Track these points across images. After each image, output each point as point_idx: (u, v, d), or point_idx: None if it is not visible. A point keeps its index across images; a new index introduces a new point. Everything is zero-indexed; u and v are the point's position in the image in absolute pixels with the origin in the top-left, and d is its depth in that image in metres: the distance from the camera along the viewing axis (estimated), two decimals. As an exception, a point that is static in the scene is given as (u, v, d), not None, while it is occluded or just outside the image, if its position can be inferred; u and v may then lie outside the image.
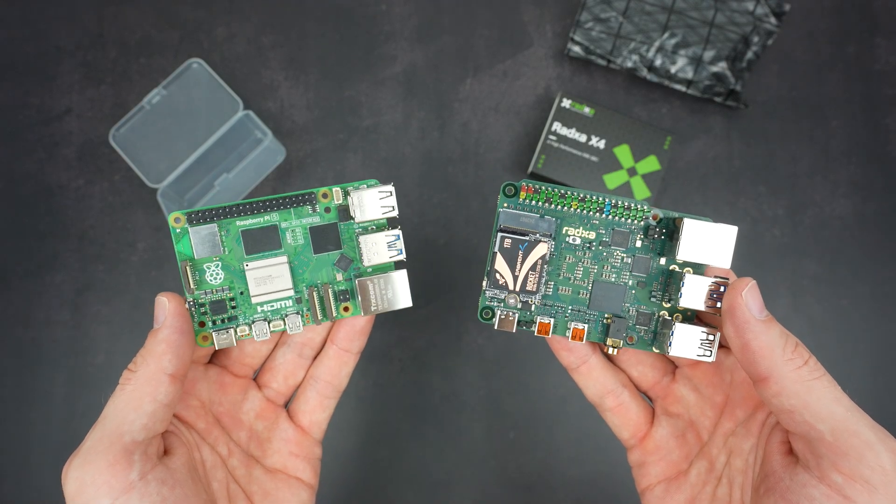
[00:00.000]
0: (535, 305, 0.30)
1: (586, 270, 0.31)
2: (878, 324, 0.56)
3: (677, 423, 0.32)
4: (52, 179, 0.57)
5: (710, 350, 0.29)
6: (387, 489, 0.55)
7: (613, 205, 0.30)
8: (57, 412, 0.55)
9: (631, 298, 0.31)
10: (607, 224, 0.30)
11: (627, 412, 0.33)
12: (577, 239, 0.30)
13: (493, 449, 0.55)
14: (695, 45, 0.56)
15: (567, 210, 0.30)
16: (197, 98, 0.56)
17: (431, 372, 0.55)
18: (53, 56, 0.58)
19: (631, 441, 0.33)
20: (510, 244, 0.29)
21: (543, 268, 0.29)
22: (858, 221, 0.57)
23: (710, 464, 0.31)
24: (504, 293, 0.30)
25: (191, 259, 0.30)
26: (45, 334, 0.56)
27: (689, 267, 0.30)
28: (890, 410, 0.55)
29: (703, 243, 0.29)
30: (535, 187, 0.29)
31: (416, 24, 0.59)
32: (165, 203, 0.53)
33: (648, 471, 0.32)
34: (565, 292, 0.31)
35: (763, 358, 0.26)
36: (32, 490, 0.54)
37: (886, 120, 0.58)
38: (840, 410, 0.25)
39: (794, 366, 0.26)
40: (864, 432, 0.25)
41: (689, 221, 0.29)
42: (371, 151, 0.58)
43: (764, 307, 0.27)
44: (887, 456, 0.24)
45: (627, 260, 0.30)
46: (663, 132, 0.55)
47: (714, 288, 0.29)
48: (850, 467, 0.24)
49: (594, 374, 0.32)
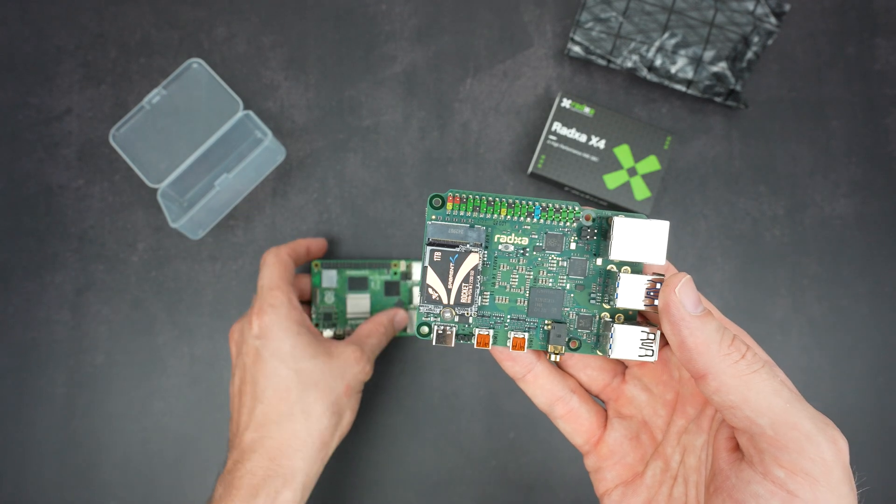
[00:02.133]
0: (472, 317, 0.30)
1: (522, 277, 0.30)
2: (878, 324, 0.56)
3: (630, 424, 0.32)
4: (52, 179, 0.57)
5: (651, 350, 0.28)
6: (387, 489, 0.55)
7: (543, 208, 0.29)
8: (57, 412, 0.55)
9: (570, 302, 0.30)
10: (539, 228, 0.30)
11: (578, 418, 0.32)
12: (509, 246, 0.30)
13: (493, 449, 0.55)
14: (695, 45, 0.56)
15: (497, 217, 0.29)
16: (197, 98, 0.56)
17: (431, 372, 0.55)
18: (53, 56, 0.58)
19: (585, 447, 0.33)
20: (440, 257, 0.28)
21: (477, 278, 0.29)
22: (859, 221, 0.57)
23: (665, 464, 0.30)
24: (439, 307, 0.29)
25: (319, 287, 0.54)
26: (45, 334, 0.56)
27: (627, 266, 0.30)
28: (890, 410, 0.55)
29: (636, 241, 0.28)
30: (461, 196, 0.28)
31: (416, 24, 0.59)
32: (165, 203, 0.53)
33: (605, 475, 0.32)
34: (502, 301, 0.30)
35: (700, 354, 0.26)
36: (32, 490, 0.54)
37: (886, 120, 0.58)
38: (779, 403, 0.25)
39: (732, 360, 0.25)
40: (803, 424, 0.24)
41: (618, 220, 0.28)
42: (371, 151, 0.58)
43: (699, 302, 0.26)
44: (827, 446, 0.24)
45: (563, 263, 0.30)
46: (663, 132, 0.55)
47: (650, 286, 0.28)
48: (791, 461, 0.24)
49: (541, 382, 0.32)
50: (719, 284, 0.57)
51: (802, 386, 0.56)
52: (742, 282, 0.57)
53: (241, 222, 0.57)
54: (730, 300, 0.56)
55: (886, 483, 0.55)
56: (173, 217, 0.53)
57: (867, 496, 0.54)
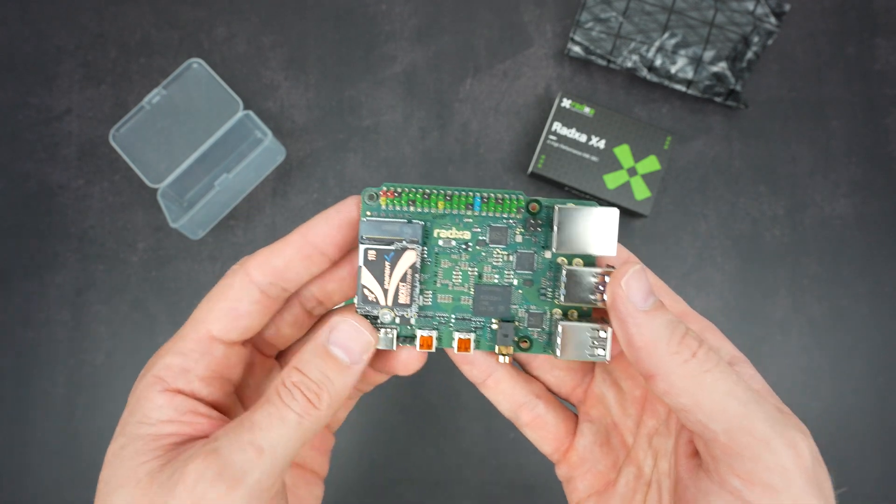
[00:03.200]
0: (414, 318, 0.28)
1: (465, 274, 0.28)
2: (878, 324, 0.56)
3: (600, 427, 0.29)
4: (52, 179, 0.57)
5: (604, 348, 0.26)
6: (387, 489, 0.55)
7: (484, 199, 0.27)
8: (57, 412, 0.55)
9: (519, 299, 0.28)
10: (482, 221, 0.27)
11: (545, 425, 0.30)
12: (450, 241, 0.27)
13: (493, 449, 0.55)
14: (695, 45, 0.56)
15: (435, 211, 0.27)
16: (197, 98, 0.56)
17: (431, 372, 0.55)
18: (53, 56, 0.58)
19: (555, 455, 0.30)
20: (375, 256, 0.26)
21: (415, 277, 0.27)
22: (858, 221, 0.57)
23: (638, 470, 0.28)
24: (377, 309, 0.27)
25: None
26: (45, 334, 0.56)
27: (579, 258, 0.27)
28: (890, 410, 0.55)
29: (583, 231, 0.26)
30: (395, 190, 0.27)
31: (416, 24, 0.59)
32: (165, 203, 0.53)
33: (577, 485, 0.29)
34: (445, 300, 0.28)
35: (647, 353, 0.23)
36: (32, 490, 0.54)
37: (886, 120, 0.58)
38: (733, 405, 0.22)
39: (681, 359, 0.23)
40: (758, 428, 0.22)
41: (561, 209, 0.26)
42: (371, 151, 0.58)
43: (650, 294, 0.24)
44: (786, 452, 0.22)
45: (509, 258, 0.28)
46: (663, 132, 0.55)
47: (600, 279, 0.26)
48: (746, 470, 0.22)
49: (502, 388, 0.29)
50: (719, 284, 0.57)
51: (802, 386, 0.56)
52: (742, 282, 0.57)
53: (241, 222, 0.57)
54: (730, 300, 0.56)
55: (886, 483, 0.55)
56: (173, 217, 0.53)
57: (855, 497, 0.54)
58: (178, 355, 0.26)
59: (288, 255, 0.26)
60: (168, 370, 0.26)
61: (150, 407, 0.25)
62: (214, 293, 0.27)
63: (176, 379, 0.26)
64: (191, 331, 0.26)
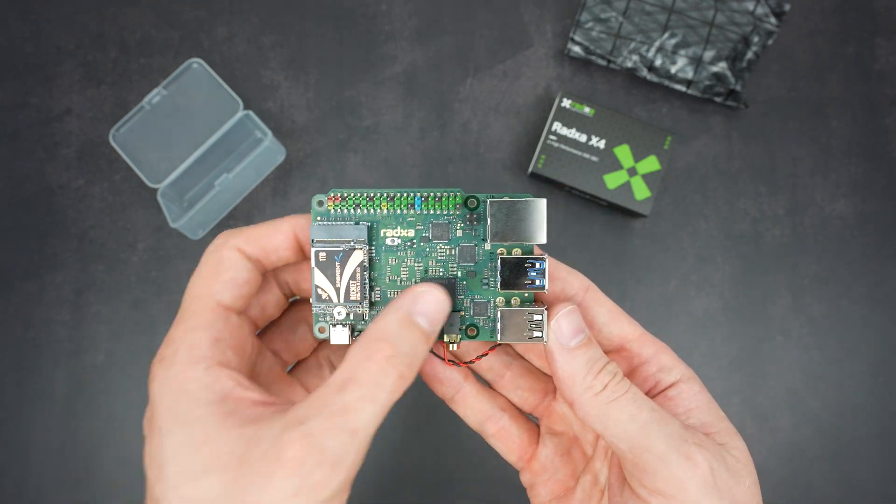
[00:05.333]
0: (366, 314, 0.30)
1: (412, 269, 0.30)
2: (878, 324, 0.56)
3: (561, 441, 0.32)
4: (52, 179, 0.57)
5: (540, 330, 0.28)
6: (387, 489, 0.55)
7: (424, 198, 0.29)
8: (57, 412, 0.55)
9: (463, 290, 0.30)
10: (425, 219, 0.30)
11: (510, 436, 0.33)
12: (395, 240, 0.30)
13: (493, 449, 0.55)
14: (695, 45, 0.56)
15: (380, 212, 0.30)
16: (197, 98, 0.56)
17: (431, 372, 0.55)
18: (53, 56, 0.58)
19: (519, 464, 0.33)
20: (325, 257, 0.29)
21: (364, 274, 0.29)
22: (858, 221, 0.57)
23: (594, 477, 0.31)
24: (331, 307, 0.29)
25: None
26: (45, 334, 0.56)
27: (517, 248, 0.29)
28: (890, 410, 0.55)
29: (513, 221, 0.28)
30: (341, 195, 0.29)
31: (416, 24, 0.59)
32: (165, 203, 0.53)
33: (539, 491, 0.32)
34: (395, 295, 0.30)
35: (567, 386, 0.27)
36: (32, 490, 0.54)
37: (886, 120, 0.58)
38: (634, 427, 0.26)
39: (593, 392, 0.26)
40: (656, 446, 0.25)
41: (491, 202, 0.28)
42: (371, 151, 0.58)
43: (579, 332, 0.27)
44: (680, 465, 0.25)
45: (452, 251, 0.30)
46: (663, 132, 0.55)
47: (530, 266, 0.28)
48: (650, 482, 0.25)
49: (470, 402, 0.32)
50: (719, 284, 0.57)
51: (802, 386, 0.56)
52: (742, 282, 0.57)
53: (241, 222, 0.57)
54: (730, 300, 0.56)
55: (886, 483, 0.55)
56: (173, 217, 0.53)
57: (855, 497, 0.54)
58: (200, 330, 0.25)
59: (277, 240, 0.28)
60: (196, 349, 0.24)
61: (197, 387, 0.24)
62: (207, 268, 0.27)
63: (213, 353, 0.25)
64: (199, 306, 0.26)
